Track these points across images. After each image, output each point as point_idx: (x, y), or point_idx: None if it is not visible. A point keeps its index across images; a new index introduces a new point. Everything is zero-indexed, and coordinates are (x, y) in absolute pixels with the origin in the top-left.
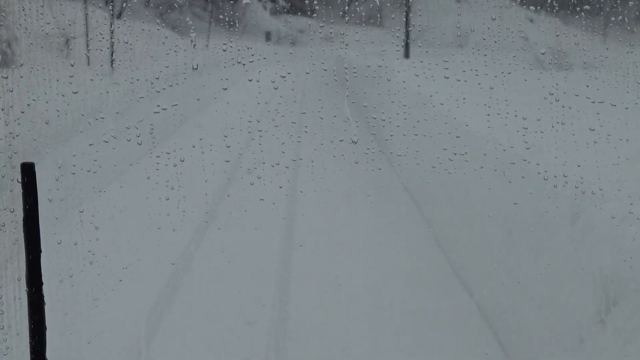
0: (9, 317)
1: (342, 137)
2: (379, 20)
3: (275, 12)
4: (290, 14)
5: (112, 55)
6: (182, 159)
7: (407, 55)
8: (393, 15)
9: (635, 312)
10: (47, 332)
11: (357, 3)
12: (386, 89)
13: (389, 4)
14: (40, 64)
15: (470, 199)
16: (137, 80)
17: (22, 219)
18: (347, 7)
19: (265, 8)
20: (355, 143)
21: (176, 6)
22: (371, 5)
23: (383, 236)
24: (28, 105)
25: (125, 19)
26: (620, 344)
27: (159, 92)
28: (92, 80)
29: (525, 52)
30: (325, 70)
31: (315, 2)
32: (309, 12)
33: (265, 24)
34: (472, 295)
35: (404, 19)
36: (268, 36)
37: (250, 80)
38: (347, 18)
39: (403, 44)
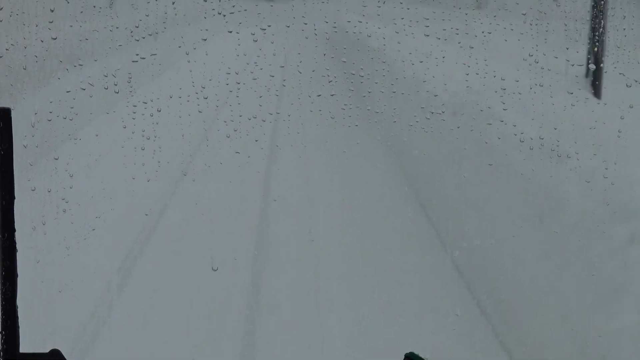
0: None
1: (320, 91)
2: None
3: None
4: None
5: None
6: (159, 109)
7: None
8: None
9: None
10: (19, 279)
11: None
12: (366, 44)
13: None
14: (20, 8)
15: (447, 159)
16: (117, 28)
17: None
18: None
19: None
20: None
21: None
22: None
23: (359, 192)
24: (6, 50)
25: None
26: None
27: (137, 40)
28: (71, 26)
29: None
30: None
31: None
32: None
33: None
34: (447, 251)
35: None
36: None
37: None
38: None
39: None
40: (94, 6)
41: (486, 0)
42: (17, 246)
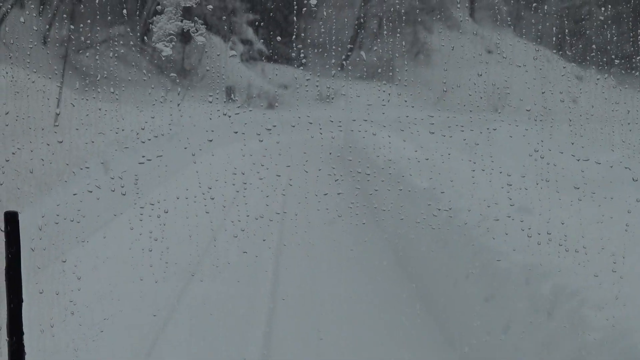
0: None
1: (327, 190)
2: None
3: (249, 59)
4: (270, 62)
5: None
6: (166, 210)
7: None
8: (406, 68)
9: None
10: None
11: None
12: (372, 142)
13: (397, 54)
14: (26, 112)
15: (453, 256)
16: (123, 130)
17: (4, 267)
18: (347, 54)
19: (235, 52)
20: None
21: (89, 44)
22: (379, 53)
23: (367, 290)
24: (13, 153)
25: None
26: None
27: (143, 142)
28: (77, 129)
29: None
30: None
31: (305, 48)
32: (296, 61)
33: (233, 74)
34: (455, 349)
35: None
36: (229, 93)
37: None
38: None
39: None
40: (32, 128)
41: (502, 106)
42: (26, 349)
